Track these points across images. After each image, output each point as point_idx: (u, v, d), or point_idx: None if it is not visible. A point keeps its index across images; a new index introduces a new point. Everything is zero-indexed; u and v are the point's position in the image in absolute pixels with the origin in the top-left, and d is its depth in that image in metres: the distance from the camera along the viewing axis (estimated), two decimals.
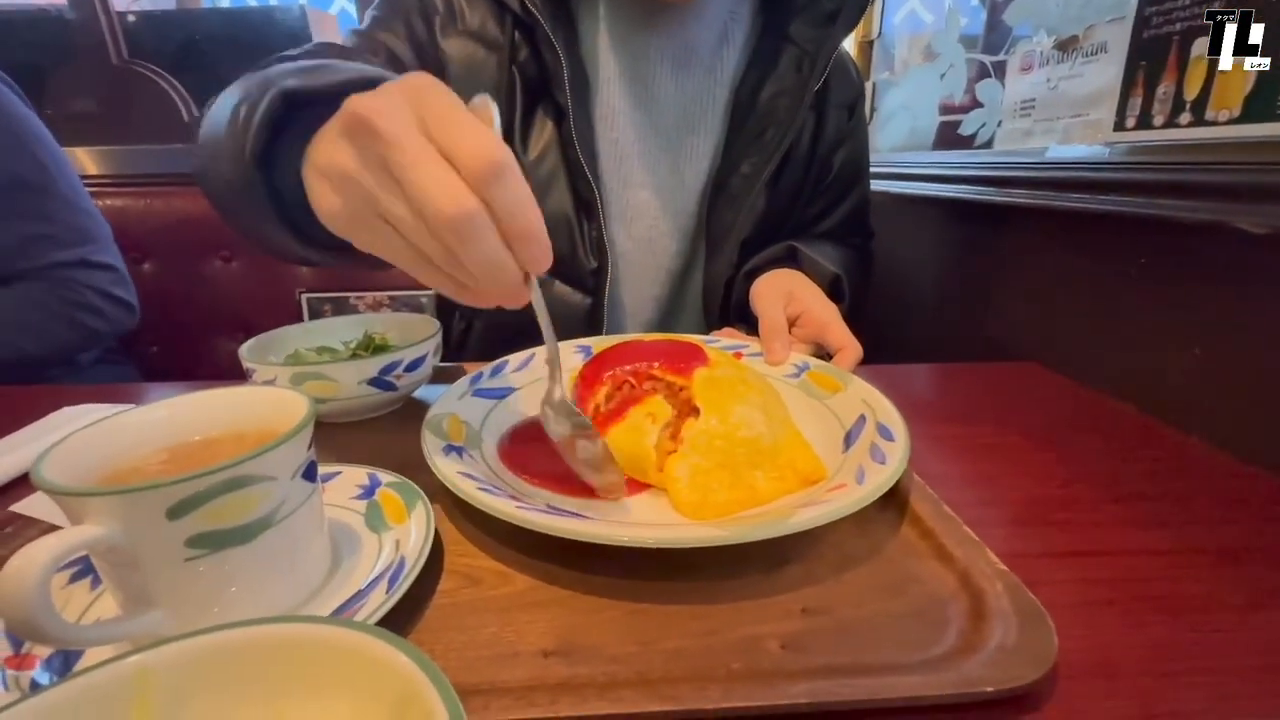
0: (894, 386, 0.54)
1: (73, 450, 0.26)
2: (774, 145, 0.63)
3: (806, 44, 0.63)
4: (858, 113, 0.72)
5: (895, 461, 0.34)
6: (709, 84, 0.66)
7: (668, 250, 0.68)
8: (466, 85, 0.59)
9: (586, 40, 0.64)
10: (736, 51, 0.67)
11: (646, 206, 0.66)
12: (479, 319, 0.70)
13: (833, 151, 0.70)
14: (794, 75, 0.63)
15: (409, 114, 0.25)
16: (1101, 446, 0.47)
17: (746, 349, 0.55)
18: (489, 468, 0.38)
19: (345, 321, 0.55)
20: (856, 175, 0.74)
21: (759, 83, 0.64)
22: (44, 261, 0.84)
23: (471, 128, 0.25)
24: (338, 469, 0.37)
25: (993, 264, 0.78)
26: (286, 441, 0.25)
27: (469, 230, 0.25)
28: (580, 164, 0.60)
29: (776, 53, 0.64)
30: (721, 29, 0.66)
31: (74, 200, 0.88)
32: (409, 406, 0.53)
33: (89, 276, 0.88)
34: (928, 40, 0.99)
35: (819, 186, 0.71)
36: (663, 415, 0.38)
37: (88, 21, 1.33)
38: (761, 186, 0.64)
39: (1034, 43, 0.71)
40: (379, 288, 1.21)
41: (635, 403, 0.39)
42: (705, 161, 0.67)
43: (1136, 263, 0.56)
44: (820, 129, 0.68)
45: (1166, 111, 0.52)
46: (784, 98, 0.63)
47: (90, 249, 0.88)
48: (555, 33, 0.58)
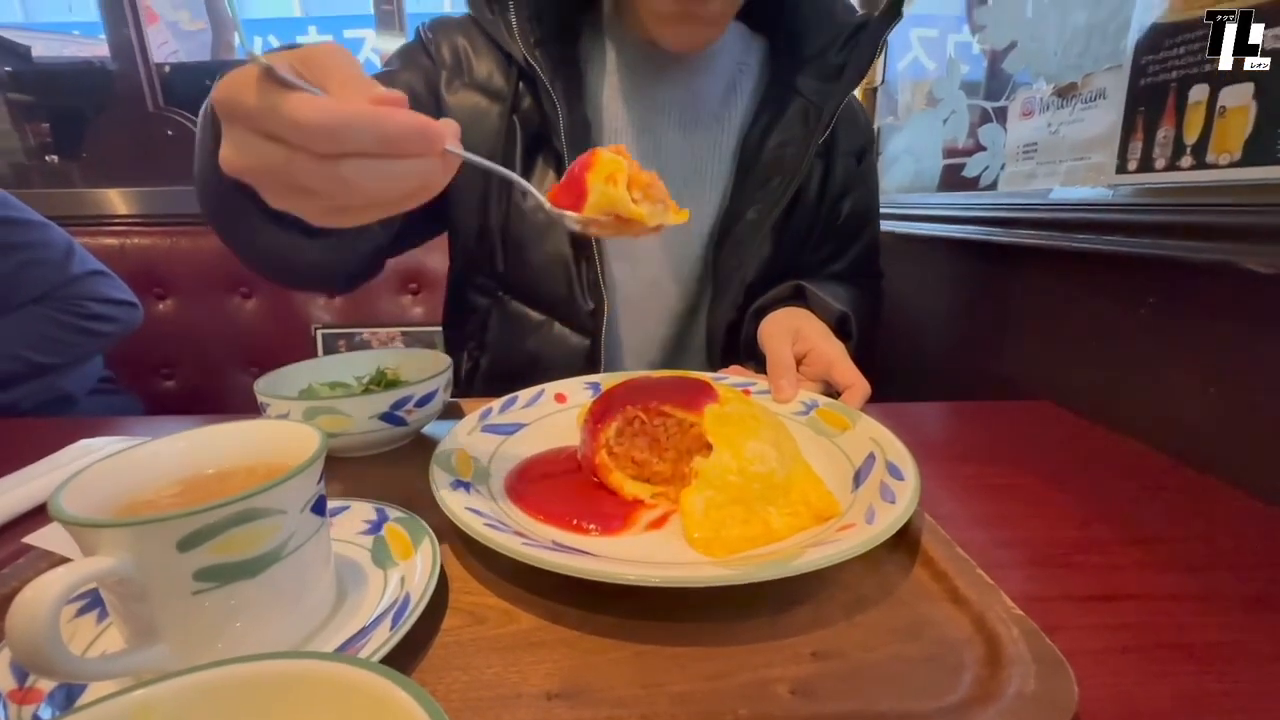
0: (905, 425, 0.53)
1: (90, 482, 0.26)
2: (780, 193, 0.64)
3: (813, 96, 0.64)
4: (866, 159, 0.73)
5: (905, 501, 0.34)
6: (716, 133, 0.67)
7: (672, 292, 0.69)
8: (470, 133, 0.60)
9: (594, 90, 0.66)
10: (744, 101, 0.68)
11: (651, 249, 0.67)
12: (485, 357, 0.70)
13: (841, 198, 0.70)
14: (800, 126, 0.64)
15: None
16: (1118, 486, 0.46)
17: (754, 386, 0.55)
18: (496, 504, 0.38)
19: (358, 357, 0.56)
20: (865, 220, 0.74)
21: (766, 132, 0.65)
22: (41, 288, 0.87)
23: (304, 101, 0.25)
24: (346, 503, 0.37)
25: (1002, 302, 0.78)
26: (297, 475, 0.26)
27: (321, 123, 0.25)
28: None
29: (783, 103, 0.65)
30: (730, 79, 0.68)
31: (32, 219, 0.90)
32: (418, 440, 0.53)
33: (83, 288, 0.91)
34: (930, 86, 1.02)
35: (828, 232, 0.71)
36: (620, 172, 0.34)
37: (128, 72, 1.40)
38: (768, 232, 0.65)
39: (1034, 89, 0.72)
40: (391, 323, 1.24)
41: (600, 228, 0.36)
42: (712, 207, 0.68)
43: (1146, 302, 0.56)
44: (828, 176, 0.68)
45: (1167, 155, 0.53)
46: (790, 148, 0.64)
47: (74, 262, 0.91)
48: (554, 84, 0.60)
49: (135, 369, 1.14)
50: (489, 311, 0.68)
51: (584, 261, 0.63)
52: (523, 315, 0.66)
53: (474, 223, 0.65)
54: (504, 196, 0.64)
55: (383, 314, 1.23)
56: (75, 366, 0.91)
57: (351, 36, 7.20)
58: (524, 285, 0.66)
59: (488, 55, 0.64)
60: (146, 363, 1.12)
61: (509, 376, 0.55)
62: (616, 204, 0.34)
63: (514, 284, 0.66)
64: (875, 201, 0.76)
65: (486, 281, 0.67)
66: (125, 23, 1.42)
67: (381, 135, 0.26)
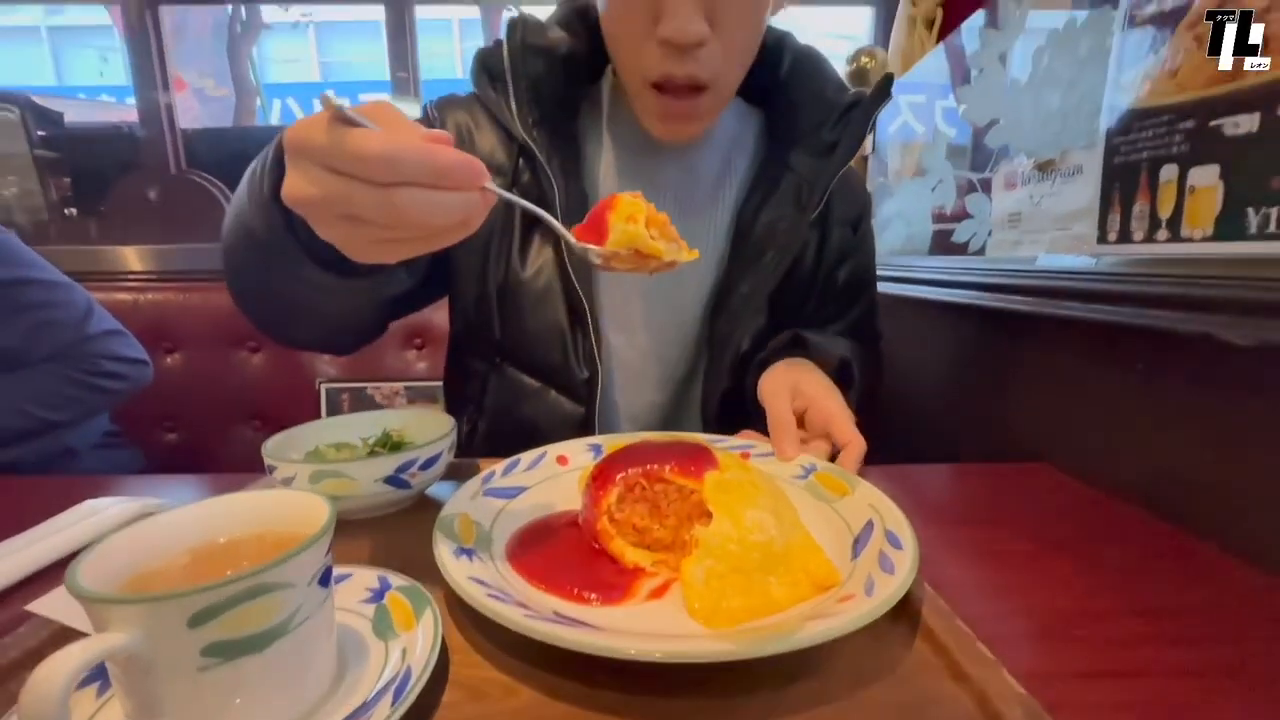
0: (904, 488, 0.54)
1: (106, 554, 0.27)
2: (773, 266, 0.65)
3: (806, 173, 0.66)
4: (863, 227, 0.74)
5: (904, 572, 0.34)
6: (712, 210, 0.69)
7: (668, 361, 0.70)
8: None
9: (591, 166, 0.68)
10: (739, 177, 0.70)
11: (647, 319, 0.68)
12: (482, 420, 0.71)
13: (837, 266, 0.72)
14: (793, 203, 0.66)
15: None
16: (1119, 554, 0.46)
17: (753, 449, 0.56)
18: (497, 571, 0.38)
19: (364, 418, 0.57)
20: (863, 286, 0.76)
21: (760, 207, 0.67)
22: (56, 347, 0.89)
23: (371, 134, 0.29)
24: (349, 570, 0.37)
25: (996, 365, 0.79)
26: (309, 547, 0.26)
27: (382, 154, 0.29)
28: (573, 282, 0.62)
29: (777, 179, 0.67)
30: (725, 156, 0.70)
31: (56, 280, 0.93)
32: (421, 502, 0.53)
33: (99, 346, 0.93)
34: (919, 152, 1.07)
35: (826, 297, 0.72)
36: (639, 212, 0.39)
37: (154, 137, 1.48)
38: (762, 303, 0.66)
39: (1015, 163, 0.76)
40: (395, 379, 1.25)
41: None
42: (708, 278, 0.69)
43: (1135, 368, 0.58)
44: (824, 245, 0.70)
45: (1145, 228, 0.55)
46: (783, 222, 0.66)
47: (90, 321, 0.93)
48: (551, 161, 0.62)
49: (139, 422, 1.14)
50: (486, 376, 0.69)
51: (579, 330, 0.64)
52: (519, 382, 0.67)
53: (473, 289, 0.67)
54: (502, 264, 0.65)
55: (387, 369, 1.24)
56: (81, 422, 0.91)
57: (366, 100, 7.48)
58: (520, 352, 0.67)
59: (490, 132, 0.66)
60: (151, 416, 1.13)
61: (506, 442, 0.56)
62: (636, 240, 0.38)
63: (510, 351, 0.67)
64: (872, 266, 0.78)
65: (484, 347, 0.68)
66: (154, 87, 1.50)
67: (433, 167, 0.30)
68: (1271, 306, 0.44)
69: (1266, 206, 0.45)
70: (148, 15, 1.48)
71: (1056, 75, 0.69)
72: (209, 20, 4.32)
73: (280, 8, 4.62)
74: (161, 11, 1.52)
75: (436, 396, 1.20)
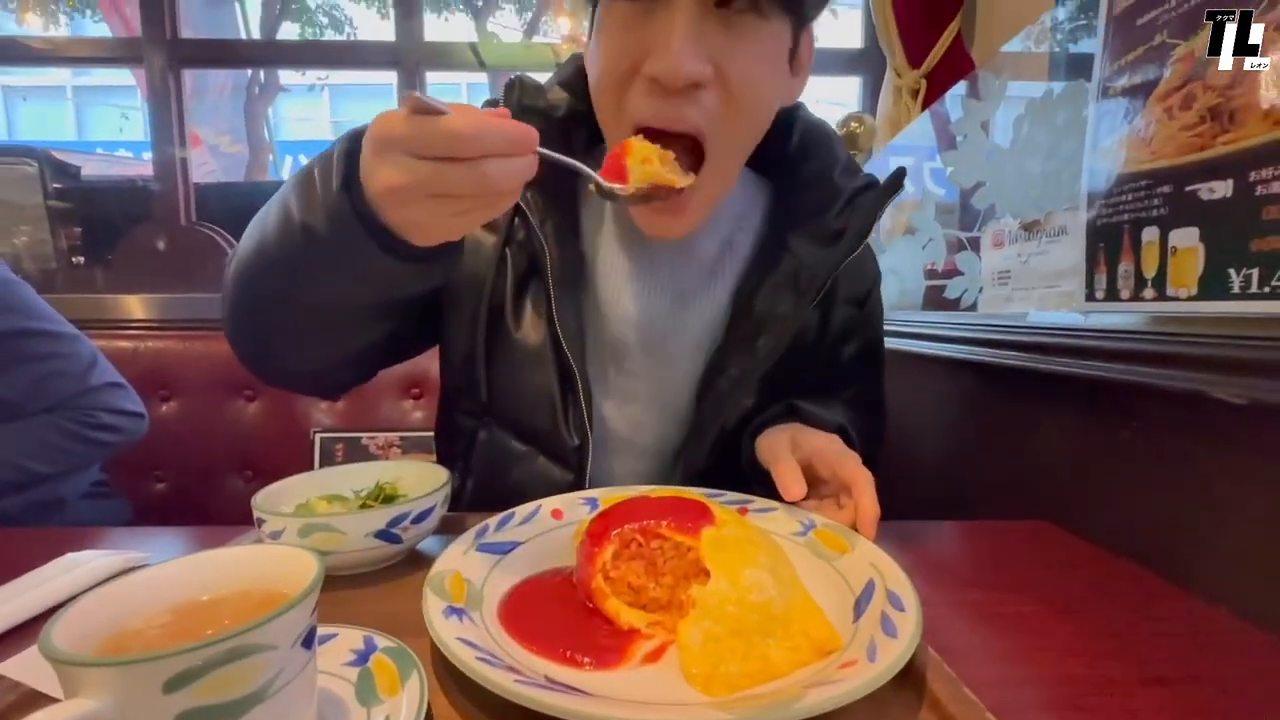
0: (904, 545, 0.53)
1: (83, 613, 0.26)
2: (764, 352, 0.62)
3: (807, 260, 0.62)
4: (869, 304, 0.71)
5: (907, 637, 0.33)
6: (709, 290, 0.66)
7: (658, 433, 0.67)
8: (468, 261, 0.62)
9: (590, 232, 0.66)
10: (740, 256, 0.67)
11: (637, 391, 0.66)
12: (471, 478, 0.68)
13: (839, 345, 0.69)
14: (792, 289, 0.62)
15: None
16: (1126, 618, 0.45)
17: (751, 504, 0.55)
18: (488, 632, 0.37)
19: (358, 469, 0.57)
20: (869, 361, 0.72)
21: (756, 289, 0.64)
22: (57, 398, 0.88)
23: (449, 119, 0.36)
24: (334, 630, 0.36)
25: (992, 420, 0.79)
26: (294, 607, 0.25)
27: (474, 132, 0.36)
28: (564, 347, 0.60)
29: (777, 261, 0.63)
30: (727, 237, 0.68)
31: (60, 331, 0.94)
32: (413, 556, 0.52)
33: (99, 399, 0.92)
34: (909, 212, 1.11)
35: (828, 373, 0.69)
36: (652, 153, 0.49)
37: (167, 190, 1.52)
38: (752, 387, 0.63)
39: (1002, 223, 0.79)
40: (391, 428, 1.24)
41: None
42: (701, 355, 0.66)
43: (1129, 425, 0.58)
44: (825, 325, 0.67)
45: (1131, 287, 0.56)
46: (781, 307, 0.62)
47: (94, 373, 0.93)
48: (544, 224, 0.61)
49: (129, 472, 1.12)
50: (474, 434, 0.67)
51: (570, 397, 0.62)
52: (507, 445, 0.65)
53: (463, 345, 0.65)
54: (493, 321, 0.63)
55: (383, 419, 1.23)
56: (71, 475, 0.90)
57: None
58: (508, 414, 0.65)
59: None
60: (142, 466, 1.11)
61: (494, 506, 0.54)
62: (654, 177, 0.48)
63: (498, 412, 0.65)
64: (880, 340, 0.73)
65: (471, 405, 0.67)
66: (171, 143, 1.56)
67: (509, 138, 0.37)
68: (1262, 365, 0.44)
69: (1247, 267, 0.47)
70: (170, 77, 1.55)
71: (1036, 142, 0.73)
72: (228, 82, 4.54)
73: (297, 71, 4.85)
74: (184, 74, 1.60)
75: (432, 447, 1.19)
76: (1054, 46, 0.75)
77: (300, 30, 5.39)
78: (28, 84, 8.77)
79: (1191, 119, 0.50)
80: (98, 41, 2.20)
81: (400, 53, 1.57)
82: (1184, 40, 0.51)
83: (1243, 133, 0.46)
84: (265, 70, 4.87)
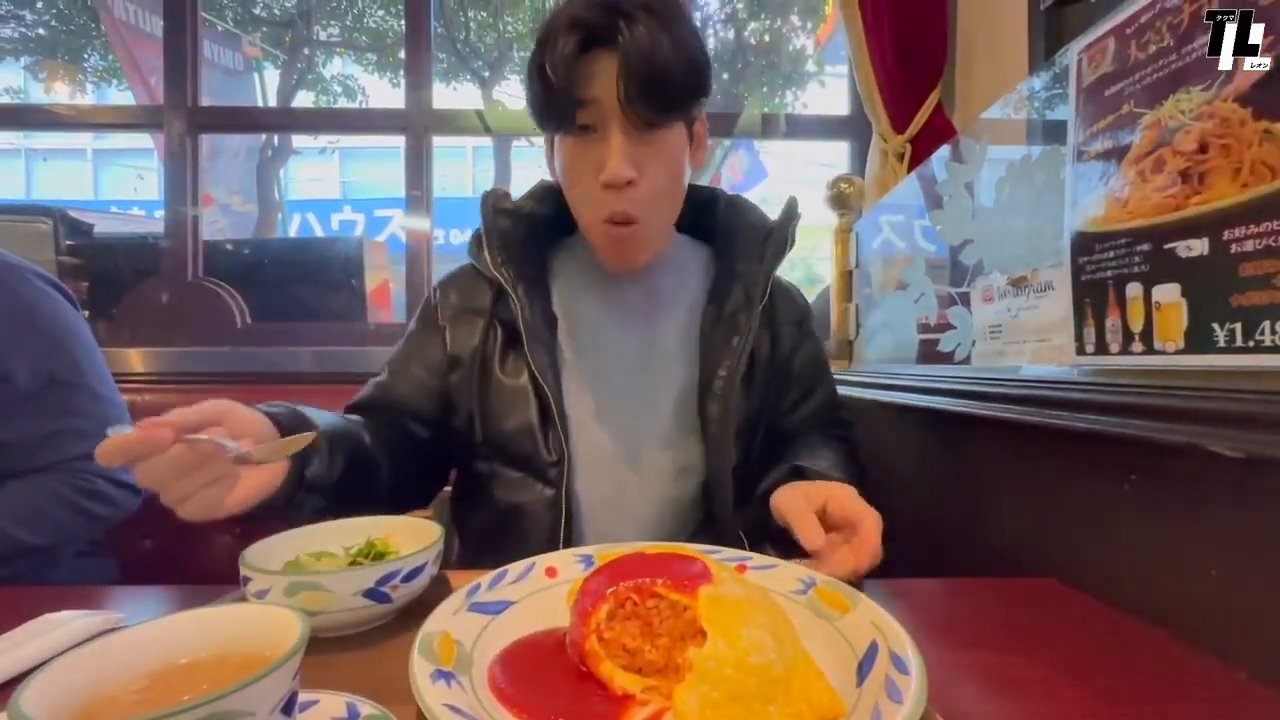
0: (904, 604, 0.51)
1: (57, 678, 0.25)
2: (739, 350, 0.75)
3: (748, 274, 0.79)
4: (805, 326, 0.88)
5: (911, 702, 0.32)
6: (673, 314, 0.80)
7: (640, 444, 0.76)
8: (463, 343, 0.77)
9: (562, 287, 0.80)
10: (695, 285, 0.83)
11: (620, 424, 0.76)
12: (477, 511, 0.77)
13: (791, 357, 0.85)
14: (743, 296, 0.78)
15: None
16: (1139, 682, 0.43)
17: (750, 560, 0.54)
18: (477, 698, 0.36)
19: (350, 525, 0.56)
20: (819, 371, 0.88)
21: (721, 300, 0.79)
22: (64, 456, 0.85)
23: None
24: (315, 696, 0.35)
25: (990, 474, 0.79)
26: (273, 672, 0.25)
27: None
28: (539, 380, 0.72)
29: (730, 285, 0.80)
30: (682, 275, 0.83)
31: (101, 391, 0.91)
32: (403, 616, 0.50)
33: (98, 464, 0.89)
34: (900, 268, 1.13)
35: (786, 384, 0.84)
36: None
37: (176, 247, 1.56)
38: (739, 385, 0.75)
39: (990, 278, 0.81)
40: None
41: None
42: (683, 376, 0.78)
43: (1128, 479, 0.57)
44: (776, 343, 0.83)
45: (1119, 341, 0.57)
46: (740, 313, 0.77)
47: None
48: (516, 287, 0.74)
49: (116, 528, 1.10)
50: (475, 469, 0.78)
51: (547, 423, 0.73)
52: (500, 472, 0.76)
53: (464, 403, 0.77)
54: (483, 378, 0.76)
55: None
56: (57, 548, 0.86)
57: (381, 215, 8.04)
58: (498, 444, 0.76)
59: (478, 285, 0.79)
60: (129, 522, 1.08)
61: (490, 553, 0.61)
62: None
63: (492, 444, 0.76)
64: (824, 355, 0.90)
65: (471, 445, 0.78)
66: (184, 203, 1.60)
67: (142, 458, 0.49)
68: (1256, 419, 0.44)
69: (1230, 322, 0.48)
70: (188, 141, 1.62)
71: (1019, 202, 0.75)
72: (242, 145, 4.73)
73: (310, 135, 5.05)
74: (201, 138, 1.66)
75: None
76: (1031, 114, 0.79)
77: (315, 99, 5.66)
78: (49, 146, 9.11)
79: (1164, 181, 0.53)
80: (121, 109, 2.30)
81: (409, 119, 1.64)
82: (1150, 109, 0.54)
83: (1213, 194, 0.48)
84: (279, 134, 5.09)
